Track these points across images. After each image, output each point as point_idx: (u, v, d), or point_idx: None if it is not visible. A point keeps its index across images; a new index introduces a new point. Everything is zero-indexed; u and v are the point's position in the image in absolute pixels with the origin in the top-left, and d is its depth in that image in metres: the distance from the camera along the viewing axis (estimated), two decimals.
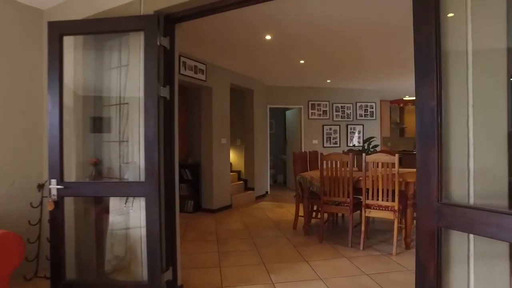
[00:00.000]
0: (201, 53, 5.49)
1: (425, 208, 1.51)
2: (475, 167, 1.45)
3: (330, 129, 8.62)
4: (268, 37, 4.59)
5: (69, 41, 2.67)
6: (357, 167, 4.64)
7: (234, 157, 7.67)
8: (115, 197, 2.74)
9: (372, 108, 8.92)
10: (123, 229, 2.93)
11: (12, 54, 2.88)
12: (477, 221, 1.35)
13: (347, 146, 8.63)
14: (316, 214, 5.03)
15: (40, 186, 2.98)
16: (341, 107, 8.70)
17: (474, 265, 1.44)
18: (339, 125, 8.68)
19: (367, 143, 4.60)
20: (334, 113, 8.66)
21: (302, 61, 5.99)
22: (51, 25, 2.35)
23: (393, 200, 3.70)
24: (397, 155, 3.66)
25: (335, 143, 8.63)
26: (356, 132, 8.81)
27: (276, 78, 7.59)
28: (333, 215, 5.09)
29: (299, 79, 7.61)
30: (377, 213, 3.85)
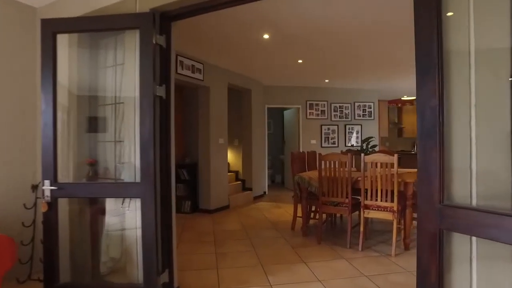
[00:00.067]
0: (199, 52, 5.45)
1: (426, 210, 1.48)
2: (477, 167, 1.41)
3: (328, 129, 8.59)
4: (266, 36, 4.55)
5: (64, 39, 2.63)
6: (355, 167, 4.61)
7: (231, 157, 7.63)
8: (111, 198, 2.69)
9: (370, 108, 8.90)
10: (119, 230, 2.88)
11: (4, 52, 2.83)
12: (480, 223, 1.32)
13: (345, 146, 8.61)
14: (315, 215, 5.00)
15: (34, 187, 2.93)
16: (339, 107, 8.68)
17: (477, 268, 1.41)
18: (337, 125, 8.66)
19: (365, 143, 4.57)
20: (332, 113, 8.63)
21: (300, 61, 5.96)
22: (44, 23, 2.31)
23: (392, 201, 3.67)
24: (396, 155, 3.63)
25: (333, 143, 8.61)
26: (354, 132, 8.79)
27: (274, 78, 7.56)
28: (331, 216, 5.07)
29: (297, 78, 7.58)
30: (376, 213, 3.82)
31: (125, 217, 2.76)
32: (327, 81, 7.92)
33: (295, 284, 2.97)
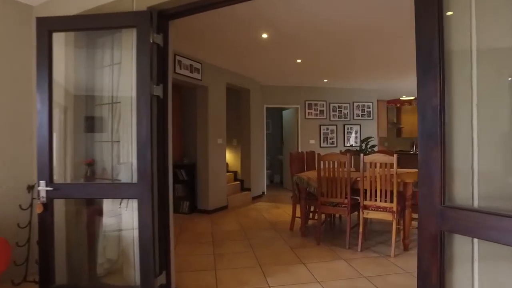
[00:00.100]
0: (197, 52, 5.42)
1: (427, 211, 1.46)
2: (479, 168, 1.39)
3: (327, 129, 8.57)
4: (264, 35, 4.53)
5: (60, 38, 2.60)
6: (354, 167, 4.59)
7: (230, 157, 7.60)
8: (107, 198, 2.67)
9: (369, 108, 8.89)
10: (116, 231, 2.86)
11: (0, 51, 2.79)
12: (482, 225, 1.30)
13: (344, 146, 8.59)
14: (313, 215, 4.97)
15: (30, 188, 2.89)
16: (338, 107, 8.66)
17: (479, 270, 1.39)
18: (336, 125, 8.64)
19: (364, 143, 4.55)
20: (331, 113, 8.61)
21: (299, 60, 5.94)
22: (39, 21, 2.27)
23: (391, 201, 3.65)
24: (395, 155, 3.61)
25: (332, 143, 8.59)
26: (353, 132, 8.77)
27: (272, 78, 7.53)
28: (330, 216, 5.05)
29: (296, 78, 7.56)
30: (375, 214, 3.80)
31: (123, 218, 2.73)
32: (326, 81, 7.90)
33: (294, 286, 2.95)
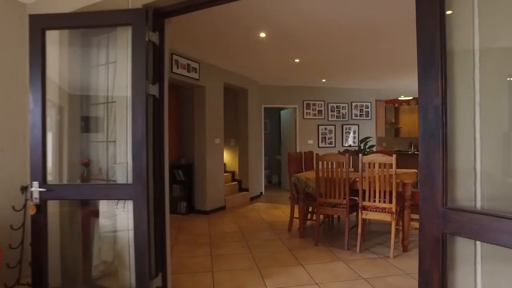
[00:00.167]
0: (194, 51, 5.37)
1: (429, 213, 1.42)
2: (482, 168, 1.36)
3: (325, 129, 8.54)
4: (262, 34, 4.49)
5: (54, 36, 2.55)
6: (353, 167, 4.56)
7: (228, 157, 7.55)
8: (101, 200, 2.62)
9: (368, 108, 8.86)
10: (111, 232, 2.81)
11: None
12: (485, 227, 1.26)
13: (343, 146, 8.56)
14: (312, 216, 4.94)
15: (24, 188, 2.83)
16: (336, 107, 8.63)
17: (482, 274, 1.35)
18: (334, 125, 8.61)
19: (363, 143, 4.51)
20: (330, 113, 8.58)
21: (297, 60, 5.90)
22: (32, 19, 2.23)
23: (390, 202, 3.62)
24: (394, 155, 3.58)
25: (331, 143, 8.56)
26: (351, 132, 8.74)
27: (270, 77, 7.50)
28: (328, 217, 5.01)
29: (294, 78, 7.52)
30: (374, 215, 3.76)
31: (119, 219, 2.68)
32: (324, 80, 7.87)
33: None
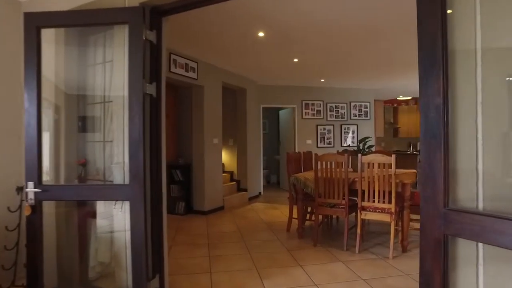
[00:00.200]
0: (192, 50, 5.34)
1: (430, 214, 1.40)
2: (484, 169, 1.33)
3: (324, 129, 8.52)
4: (261, 34, 4.46)
5: (50, 35, 2.52)
6: (352, 168, 4.54)
7: (226, 157, 7.53)
8: (98, 200, 2.59)
9: (366, 108, 8.85)
10: (108, 233, 2.78)
11: None
12: (488, 228, 1.24)
13: (341, 146, 8.55)
14: (310, 216, 4.91)
15: (19, 189, 2.80)
16: (335, 106, 8.61)
17: (484, 276, 1.33)
18: (333, 125, 8.59)
19: (362, 143, 4.49)
20: (328, 112, 8.56)
21: (295, 60, 5.88)
22: (27, 17, 2.19)
23: (389, 202, 3.60)
24: (393, 155, 3.56)
25: (329, 143, 8.54)
26: (350, 132, 8.73)
27: (269, 77, 7.47)
28: (327, 217, 4.99)
29: (292, 78, 7.50)
30: (373, 215, 3.74)
31: (117, 219, 2.65)
32: (322, 80, 7.85)
33: None
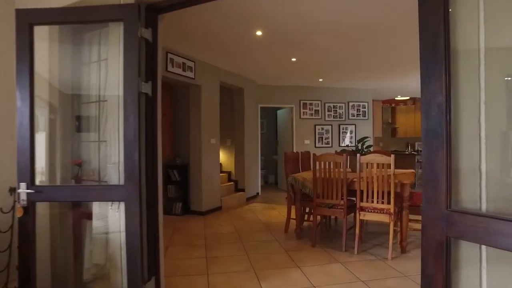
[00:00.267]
0: (190, 49, 5.29)
1: (432, 216, 1.36)
2: (487, 168, 1.30)
3: (322, 129, 8.49)
4: (259, 33, 4.42)
5: (43, 32, 2.47)
6: (350, 168, 4.50)
7: (224, 157, 7.48)
8: (92, 201, 2.54)
9: (365, 108, 8.83)
10: (103, 234, 2.73)
11: None
12: (491, 230, 1.20)
13: (339, 146, 8.52)
14: (309, 217, 4.88)
15: (12, 190, 2.75)
16: (333, 106, 8.59)
17: (488, 278, 1.29)
18: (331, 125, 8.56)
19: (360, 143, 4.46)
20: (326, 112, 8.53)
21: (293, 59, 5.84)
22: (19, 13, 2.14)
23: (388, 203, 3.56)
24: (393, 155, 3.53)
25: (327, 143, 8.51)
26: (348, 132, 8.70)
27: (267, 77, 7.43)
28: (326, 218, 4.95)
29: (290, 77, 7.46)
30: (372, 216, 3.71)
31: (112, 220, 2.60)
32: (321, 80, 7.82)
33: None
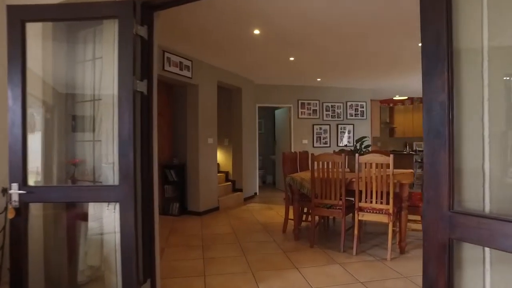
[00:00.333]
0: (187, 48, 5.24)
1: (434, 217, 1.32)
2: (491, 169, 1.26)
3: (320, 128, 8.46)
4: (256, 31, 4.38)
5: (36, 29, 2.42)
6: (349, 168, 4.47)
7: (221, 157, 7.43)
8: (86, 202, 2.50)
9: (363, 107, 8.80)
10: (100, 236, 2.68)
11: None
12: (495, 232, 1.17)
13: (338, 146, 8.49)
14: (307, 217, 4.85)
15: (5, 190, 2.69)
16: (331, 106, 8.56)
17: (491, 281, 1.26)
18: (329, 124, 8.53)
19: (359, 143, 4.43)
20: (324, 112, 8.50)
21: (291, 58, 5.81)
22: (10, 10, 2.08)
23: (387, 203, 3.53)
24: (391, 155, 3.49)
25: (325, 143, 8.48)
26: (346, 132, 8.67)
27: (265, 76, 7.39)
28: (324, 218, 4.92)
29: (288, 77, 7.43)
30: (370, 216, 3.67)
31: (108, 221, 2.56)
32: (319, 80, 7.78)
33: None
